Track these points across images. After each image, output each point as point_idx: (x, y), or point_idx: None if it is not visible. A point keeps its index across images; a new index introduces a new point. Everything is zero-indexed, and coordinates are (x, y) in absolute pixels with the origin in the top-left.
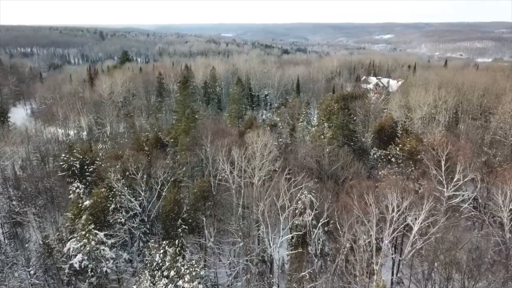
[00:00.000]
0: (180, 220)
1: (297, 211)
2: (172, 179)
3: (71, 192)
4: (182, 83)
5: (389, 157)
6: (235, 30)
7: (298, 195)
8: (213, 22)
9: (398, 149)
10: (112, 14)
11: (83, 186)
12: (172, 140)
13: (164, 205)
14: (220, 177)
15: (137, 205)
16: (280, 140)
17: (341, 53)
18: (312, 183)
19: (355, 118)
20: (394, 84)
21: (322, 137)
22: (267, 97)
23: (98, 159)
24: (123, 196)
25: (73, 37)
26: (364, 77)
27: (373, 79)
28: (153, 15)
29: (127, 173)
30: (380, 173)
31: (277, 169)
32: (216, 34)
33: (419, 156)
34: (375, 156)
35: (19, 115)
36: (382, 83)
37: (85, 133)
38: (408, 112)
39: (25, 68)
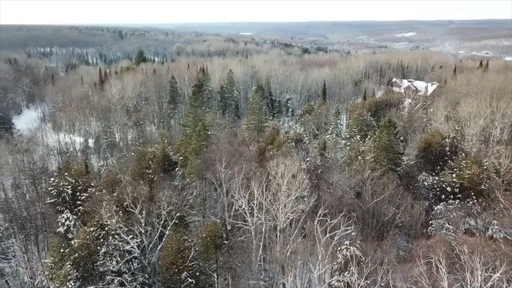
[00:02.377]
0: (185, 273)
1: (336, 266)
2: (178, 214)
3: (60, 224)
4: (193, 93)
5: (443, 185)
6: (253, 28)
7: (334, 240)
8: (231, 21)
9: (454, 175)
10: (133, 14)
11: (74, 217)
12: (181, 158)
13: (165, 255)
14: (236, 212)
15: (135, 247)
16: (308, 160)
17: (362, 52)
18: (353, 226)
19: (402, 138)
20: (425, 87)
21: (360, 158)
22: (289, 102)
23: (93, 183)
24: (117, 236)
25: (92, 37)
26: (394, 79)
27: (404, 82)
28: (173, 14)
29: (125, 204)
30: (436, 208)
31: (307, 204)
32: (234, 32)
33: (482, 186)
34: (425, 183)
35: (30, 117)
36: (415, 87)
37: (92, 140)
38: (457, 125)
39: (40, 69)
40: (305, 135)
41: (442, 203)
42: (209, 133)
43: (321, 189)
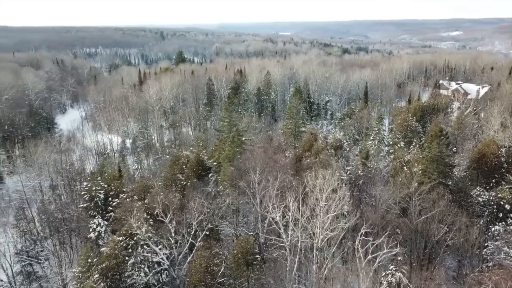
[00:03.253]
0: None
1: None
2: (209, 226)
3: (91, 230)
4: (229, 97)
5: (501, 202)
6: (292, 28)
7: (377, 263)
8: (271, 20)
9: None
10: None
11: (105, 223)
12: (215, 164)
13: (193, 271)
14: (270, 227)
15: (165, 258)
16: (348, 169)
17: (405, 52)
18: (398, 247)
19: (455, 148)
20: (476, 90)
21: (406, 169)
22: (328, 104)
23: (124, 189)
24: (146, 247)
25: (135, 37)
26: (441, 82)
27: (452, 84)
28: (214, 14)
29: (155, 211)
30: (493, 229)
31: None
32: (273, 32)
33: None
34: (479, 199)
35: (73, 117)
36: (464, 90)
37: (130, 141)
38: None
39: (85, 69)
40: (345, 141)
41: (500, 223)
42: (244, 138)
43: (362, 202)
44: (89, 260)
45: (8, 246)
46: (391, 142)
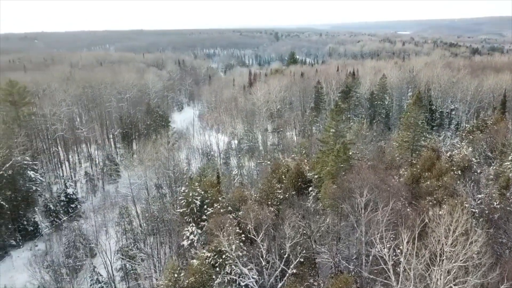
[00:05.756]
0: None
1: None
2: (304, 252)
3: (184, 237)
4: (336, 105)
5: None
6: (414, 27)
7: None
8: (390, 20)
9: None
10: (290, 16)
11: (199, 232)
12: (316, 177)
13: None
14: (377, 267)
15: (254, 283)
16: (480, 197)
17: None
18: None
19: None
20: None
21: None
22: (453, 113)
23: (220, 198)
24: (234, 267)
25: (251, 39)
26: None
27: None
28: (330, 14)
29: (248, 227)
30: None
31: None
32: (391, 32)
33: None
34: None
35: (188, 115)
36: None
37: (235, 142)
38: None
39: (202, 69)
40: (474, 159)
41: None
42: (351, 152)
43: (497, 244)
44: (176, 275)
45: (109, 243)
46: None
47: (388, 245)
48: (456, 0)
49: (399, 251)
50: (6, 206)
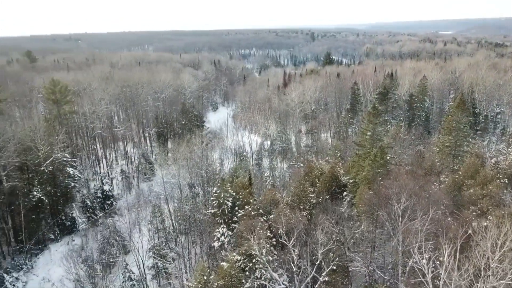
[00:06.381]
0: None
1: None
2: (337, 260)
3: (215, 238)
4: (373, 107)
5: None
6: (456, 27)
7: None
8: (431, 19)
9: None
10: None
11: (229, 233)
12: (351, 181)
13: None
14: (415, 280)
15: None
16: None
17: None
18: None
19: None
20: None
21: None
22: (499, 117)
23: (251, 200)
24: (264, 271)
25: (287, 39)
26: None
27: None
28: (367, 14)
29: (279, 231)
30: None
31: None
32: (432, 31)
33: None
34: None
35: (222, 115)
36: None
37: (268, 142)
38: None
39: (237, 70)
40: None
41: None
42: (388, 157)
43: None
44: (205, 278)
45: (141, 241)
46: None
47: (427, 256)
48: None
49: (438, 263)
50: (46, 201)
